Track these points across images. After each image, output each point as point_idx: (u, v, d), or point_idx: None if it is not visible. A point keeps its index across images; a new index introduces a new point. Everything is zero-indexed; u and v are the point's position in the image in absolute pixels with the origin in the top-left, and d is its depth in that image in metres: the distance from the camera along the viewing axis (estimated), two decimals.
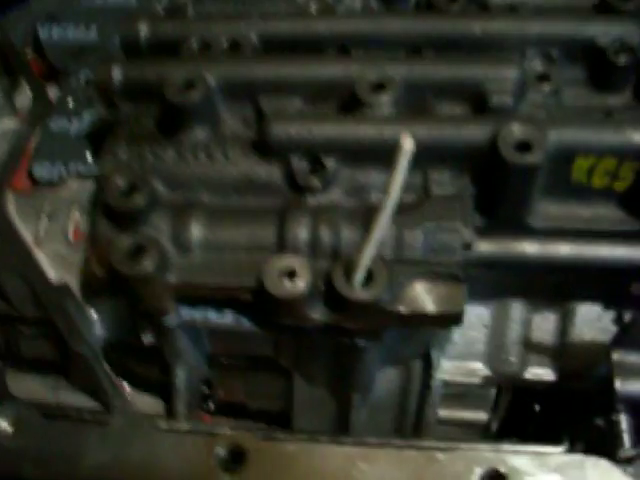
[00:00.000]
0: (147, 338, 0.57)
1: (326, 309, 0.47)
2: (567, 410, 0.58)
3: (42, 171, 0.62)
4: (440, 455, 0.45)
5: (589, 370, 0.55)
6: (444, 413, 0.60)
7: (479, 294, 0.56)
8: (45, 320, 0.60)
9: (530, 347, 0.56)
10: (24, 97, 0.70)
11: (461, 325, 0.48)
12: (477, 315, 0.57)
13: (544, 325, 0.56)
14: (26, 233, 0.60)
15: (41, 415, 0.51)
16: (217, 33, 0.57)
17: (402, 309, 0.45)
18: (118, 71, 0.55)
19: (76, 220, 0.61)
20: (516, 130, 0.47)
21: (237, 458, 0.46)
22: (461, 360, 0.57)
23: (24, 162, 0.64)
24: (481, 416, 0.61)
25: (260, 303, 0.48)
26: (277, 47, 0.57)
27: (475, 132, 0.48)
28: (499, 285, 0.55)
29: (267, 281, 0.45)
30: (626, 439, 0.49)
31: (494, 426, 0.62)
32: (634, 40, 0.55)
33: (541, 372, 0.57)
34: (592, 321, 0.55)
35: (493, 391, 0.60)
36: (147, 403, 0.63)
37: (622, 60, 0.54)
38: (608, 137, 0.48)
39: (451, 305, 0.45)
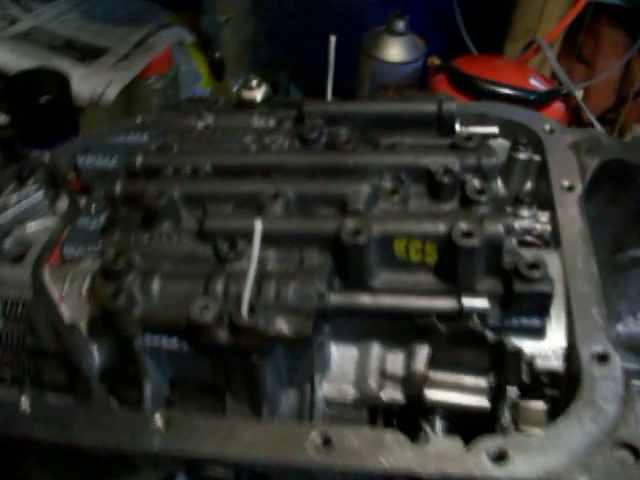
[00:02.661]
0: (127, 366, 0.91)
1: (228, 332, 0.80)
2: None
3: (69, 252, 0.99)
4: (289, 426, 0.76)
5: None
6: None
7: (350, 338, 0.87)
8: (61, 353, 0.95)
9: (385, 376, 0.87)
10: (62, 203, 1.10)
11: (308, 346, 0.79)
12: (349, 353, 0.87)
13: (395, 361, 0.87)
14: (54, 293, 0.97)
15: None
16: (184, 163, 0.96)
17: (270, 332, 0.78)
18: (119, 185, 0.94)
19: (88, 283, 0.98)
20: (351, 225, 0.81)
21: (168, 424, 0.78)
22: (337, 384, 0.87)
23: (57, 247, 1.02)
24: None
25: (190, 330, 0.81)
26: (223, 172, 0.95)
27: (329, 225, 0.83)
28: (363, 331, 0.86)
29: (191, 313, 0.79)
30: (428, 430, 0.79)
31: None
32: (454, 167, 0.89)
33: (394, 394, 0.86)
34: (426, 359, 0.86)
35: (364, 413, 0.89)
36: None
37: (446, 180, 0.89)
38: (412, 227, 0.81)
39: (300, 330, 0.78)
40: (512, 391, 0.82)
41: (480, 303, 0.79)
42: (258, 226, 0.73)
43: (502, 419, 0.81)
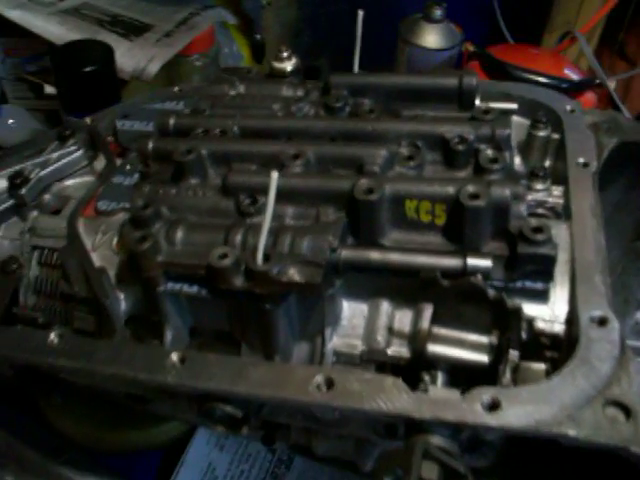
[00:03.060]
0: (151, 313, 0.97)
1: (244, 279, 0.85)
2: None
3: (103, 206, 1.06)
4: (297, 367, 0.81)
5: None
6: None
7: (360, 295, 0.92)
8: (91, 299, 1.02)
9: (392, 333, 0.91)
10: (100, 164, 1.17)
11: (319, 295, 0.84)
12: (359, 309, 0.92)
13: (403, 318, 0.91)
14: (87, 242, 1.04)
15: None
16: (214, 125, 1.02)
17: (284, 279, 0.83)
18: (151, 144, 1.00)
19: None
20: (364, 182, 0.86)
21: (182, 360, 0.84)
22: (346, 338, 0.92)
23: (93, 202, 1.09)
24: None
25: (209, 275, 0.87)
26: (249, 135, 1.01)
27: (344, 184, 0.88)
28: (373, 287, 0.91)
29: (210, 259, 0.85)
30: (427, 380, 0.83)
31: None
32: (469, 136, 0.93)
33: (400, 350, 0.91)
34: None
35: (372, 368, 0.94)
36: None
37: (460, 148, 0.93)
38: (423, 188, 0.86)
39: (311, 279, 0.83)
40: (513, 352, 0.86)
41: (484, 263, 0.83)
42: (274, 176, 0.78)
43: (502, 378, 0.84)
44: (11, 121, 1.70)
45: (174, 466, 1.28)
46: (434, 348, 0.84)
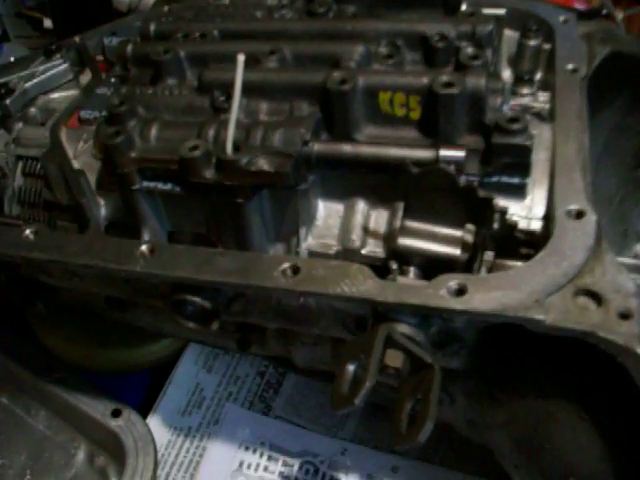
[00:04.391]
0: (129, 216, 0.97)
1: (214, 170, 0.84)
2: None
3: (85, 114, 1.06)
4: (265, 256, 0.80)
5: None
6: None
7: (336, 194, 0.91)
8: (72, 207, 1.02)
9: (367, 232, 0.90)
10: (86, 78, 1.17)
11: (288, 185, 0.83)
12: (335, 209, 0.91)
13: (379, 218, 0.90)
14: (69, 151, 1.04)
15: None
16: (194, 29, 1.01)
17: (253, 168, 0.82)
18: (130, 47, 1.00)
19: None
20: (337, 75, 0.84)
21: (151, 251, 0.84)
22: (321, 238, 0.91)
23: (76, 113, 1.09)
24: None
25: (180, 170, 0.86)
26: (228, 38, 1.00)
27: (318, 76, 0.86)
28: (349, 186, 0.90)
29: (181, 151, 0.84)
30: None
31: None
32: (450, 33, 0.91)
33: (375, 250, 0.89)
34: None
35: None
36: None
37: (440, 45, 0.90)
38: (396, 79, 0.84)
39: (281, 168, 0.81)
40: (489, 252, 0.84)
41: (456, 153, 0.81)
42: (241, 59, 0.77)
43: (475, 273, 0.83)
44: (12, 59, 1.70)
45: (162, 386, 1.28)
46: (405, 241, 0.83)
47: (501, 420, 0.91)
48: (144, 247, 0.84)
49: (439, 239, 0.83)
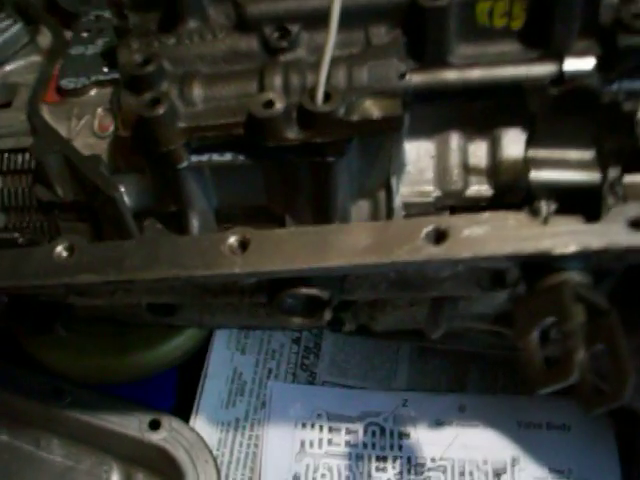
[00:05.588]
0: (167, 202, 0.75)
1: (299, 128, 0.65)
2: None
3: (68, 84, 0.81)
4: (396, 222, 0.63)
5: (518, 181, 0.73)
6: None
7: (424, 131, 0.74)
8: (82, 204, 0.79)
9: (469, 169, 0.74)
10: (45, 39, 0.90)
11: (402, 129, 0.66)
12: (424, 149, 0.75)
13: (478, 151, 0.74)
14: (62, 131, 0.79)
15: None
16: None
17: (354, 117, 0.64)
18: None
19: (100, 116, 0.80)
20: None
21: (243, 245, 0.64)
22: (416, 185, 0.75)
23: (52, 83, 0.83)
24: None
25: (250, 133, 0.66)
26: None
27: None
28: (439, 120, 0.73)
29: (253, 109, 0.64)
30: (543, 213, 0.67)
31: None
32: None
33: (480, 188, 0.74)
34: (516, 142, 0.73)
35: (447, 214, 0.77)
36: None
37: None
38: None
39: (391, 110, 0.64)
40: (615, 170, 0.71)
41: (585, 64, 0.67)
42: None
43: (608, 198, 0.69)
44: None
45: (196, 382, 1.09)
46: (539, 174, 0.68)
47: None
48: (232, 240, 0.64)
49: (573, 165, 0.69)
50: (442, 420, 1.10)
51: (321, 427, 1.09)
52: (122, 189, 0.76)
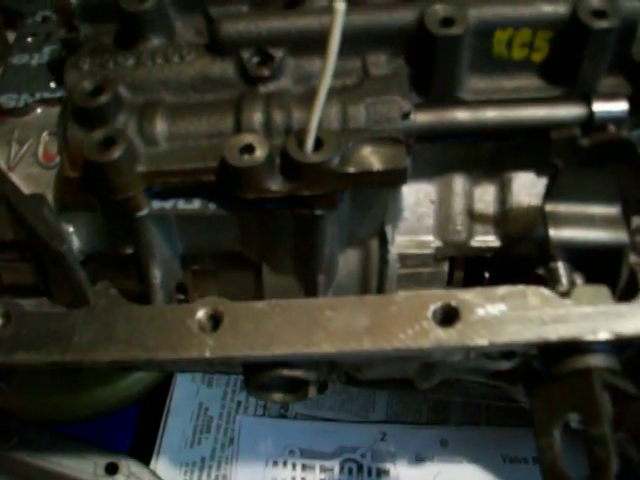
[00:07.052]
0: (122, 246, 0.62)
1: (284, 179, 0.53)
2: (515, 274, 0.64)
3: (8, 101, 0.67)
4: (397, 297, 0.51)
5: (528, 232, 0.63)
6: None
7: (425, 172, 0.63)
8: (23, 243, 0.65)
9: (474, 217, 0.63)
10: None
11: (404, 183, 0.54)
12: (424, 192, 0.63)
13: (485, 196, 0.63)
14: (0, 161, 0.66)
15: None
16: None
17: (351, 169, 0.52)
18: None
19: (45, 142, 0.66)
20: (440, 9, 0.54)
21: (215, 320, 0.52)
22: (413, 234, 0.63)
23: None
24: None
25: (223, 182, 0.54)
26: None
27: (405, 14, 0.55)
28: (441, 161, 0.62)
29: (229, 156, 0.51)
30: (564, 281, 0.57)
31: None
32: None
33: (486, 239, 0.63)
34: (527, 188, 0.62)
35: (446, 267, 0.66)
36: None
37: None
38: (522, 10, 0.55)
39: (395, 162, 0.52)
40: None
41: (616, 106, 0.56)
42: (340, 7, 0.44)
43: (630, 257, 0.59)
44: None
45: (157, 419, 0.97)
46: (558, 232, 0.57)
47: None
48: (201, 314, 0.52)
49: (598, 222, 0.58)
50: (423, 456, 1.01)
51: (294, 465, 0.99)
52: (70, 229, 0.63)
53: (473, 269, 0.67)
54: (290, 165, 0.52)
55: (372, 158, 0.52)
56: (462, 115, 0.56)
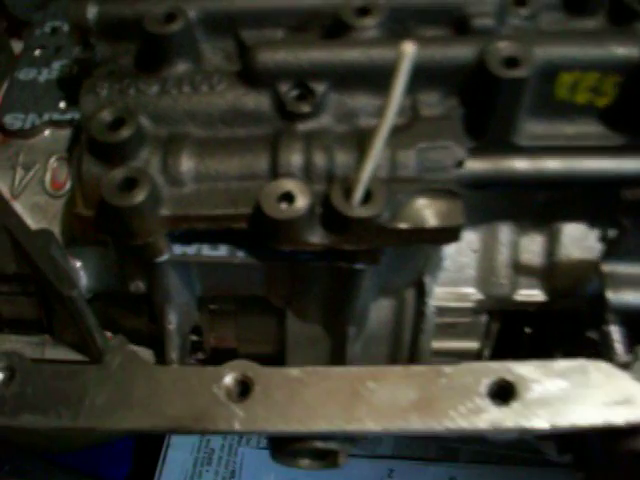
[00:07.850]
0: (136, 285, 0.56)
1: (325, 231, 0.47)
2: (559, 330, 0.59)
3: (14, 121, 0.60)
4: (447, 369, 0.46)
5: (577, 288, 0.57)
6: (436, 344, 0.61)
7: (468, 219, 0.57)
8: (26, 276, 0.59)
9: (519, 269, 0.58)
10: None
11: (457, 241, 0.48)
12: (466, 241, 0.57)
13: (532, 247, 0.58)
14: (1, 185, 0.59)
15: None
16: None
17: (403, 225, 0.46)
18: (93, 9, 0.54)
19: (53, 169, 0.60)
20: (503, 47, 0.48)
21: (244, 387, 0.46)
22: (453, 286, 0.58)
23: None
24: (473, 345, 0.62)
25: (256, 231, 0.47)
26: None
27: (462, 50, 0.49)
28: (487, 209, 0.56)
29: (265, 205, 0.45)
30: (619, 349, 0.51)
31: (486, 354, 0.63)
32: None
33: (531, 293, 0.58)
34: (578, 240, 0.57)
35: (484, 318, 0.61)
36: None
37: None
38: (592, 51, 0.49)
39: (450, 219, 0.46)
40: None
41: None
42: (409, 49, 0.38)
43: None
44: None
45: (156, 451, 0.91)
46: (618, 296, 0.51)
47: None
48: (228, 380, 0.46)
49: None
50: None
51: None
52: (78, 264, 0.57)
53: (511, 321, 0.62)
54: (334, 217, 0.46)
55: (425, 213, 0.46)
56: (521, 164, 0.50)
